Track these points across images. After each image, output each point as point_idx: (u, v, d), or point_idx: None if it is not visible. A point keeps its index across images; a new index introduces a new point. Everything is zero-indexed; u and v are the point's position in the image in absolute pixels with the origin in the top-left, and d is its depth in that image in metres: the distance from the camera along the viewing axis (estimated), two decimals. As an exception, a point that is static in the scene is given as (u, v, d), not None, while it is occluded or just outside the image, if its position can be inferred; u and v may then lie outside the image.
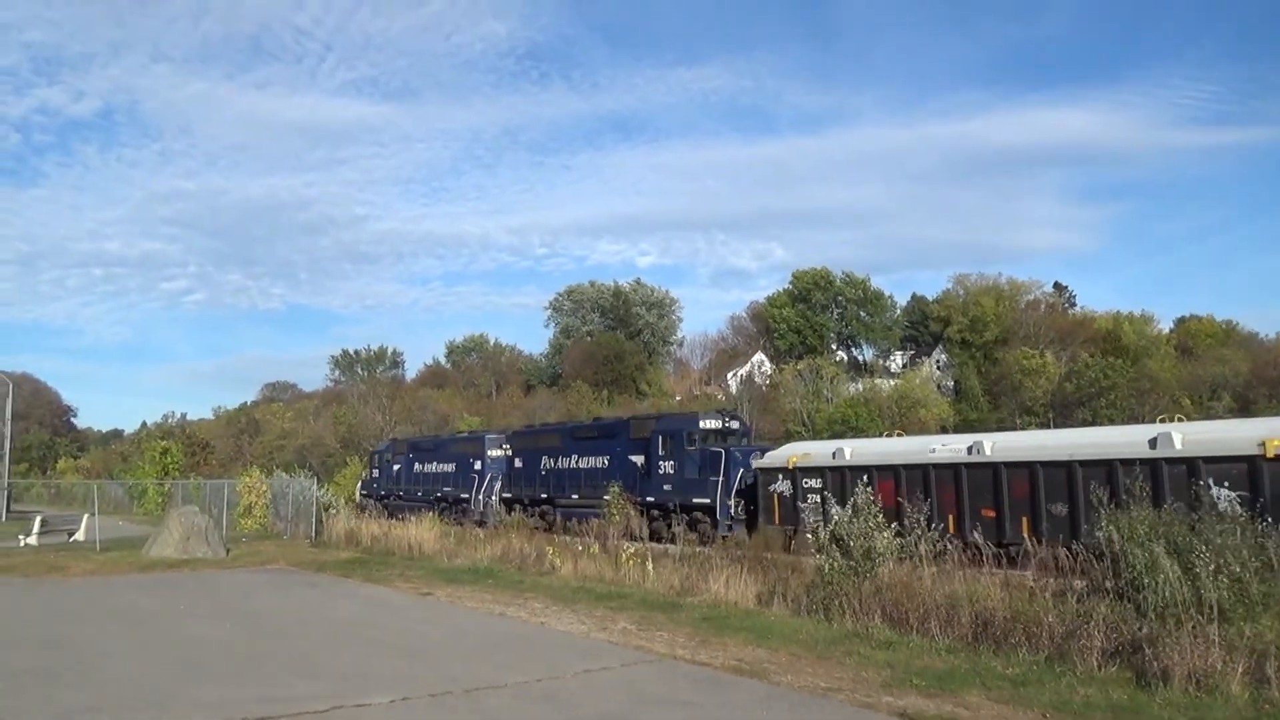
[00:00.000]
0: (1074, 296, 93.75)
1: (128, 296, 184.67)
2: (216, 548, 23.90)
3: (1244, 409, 57.00)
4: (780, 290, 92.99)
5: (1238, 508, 14.05)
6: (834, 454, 22.90)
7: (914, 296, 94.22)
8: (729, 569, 15.87)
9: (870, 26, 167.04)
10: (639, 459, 28.41)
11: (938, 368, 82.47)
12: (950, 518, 19.39)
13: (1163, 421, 18.69)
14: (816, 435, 53.85)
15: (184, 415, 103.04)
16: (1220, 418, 56.88)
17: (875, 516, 13.76)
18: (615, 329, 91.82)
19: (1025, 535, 17.66)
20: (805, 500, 22.64)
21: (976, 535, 17.62)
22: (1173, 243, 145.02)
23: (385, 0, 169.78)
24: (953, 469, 19.97)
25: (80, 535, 28.17)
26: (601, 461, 30.11)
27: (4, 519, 38.51)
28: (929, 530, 14.47)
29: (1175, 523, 11.21)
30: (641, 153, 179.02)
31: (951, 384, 78.85)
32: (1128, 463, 16.85)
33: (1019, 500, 18.64)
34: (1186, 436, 16.85)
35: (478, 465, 36.36)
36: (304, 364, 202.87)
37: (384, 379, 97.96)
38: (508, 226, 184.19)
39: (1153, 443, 17.09)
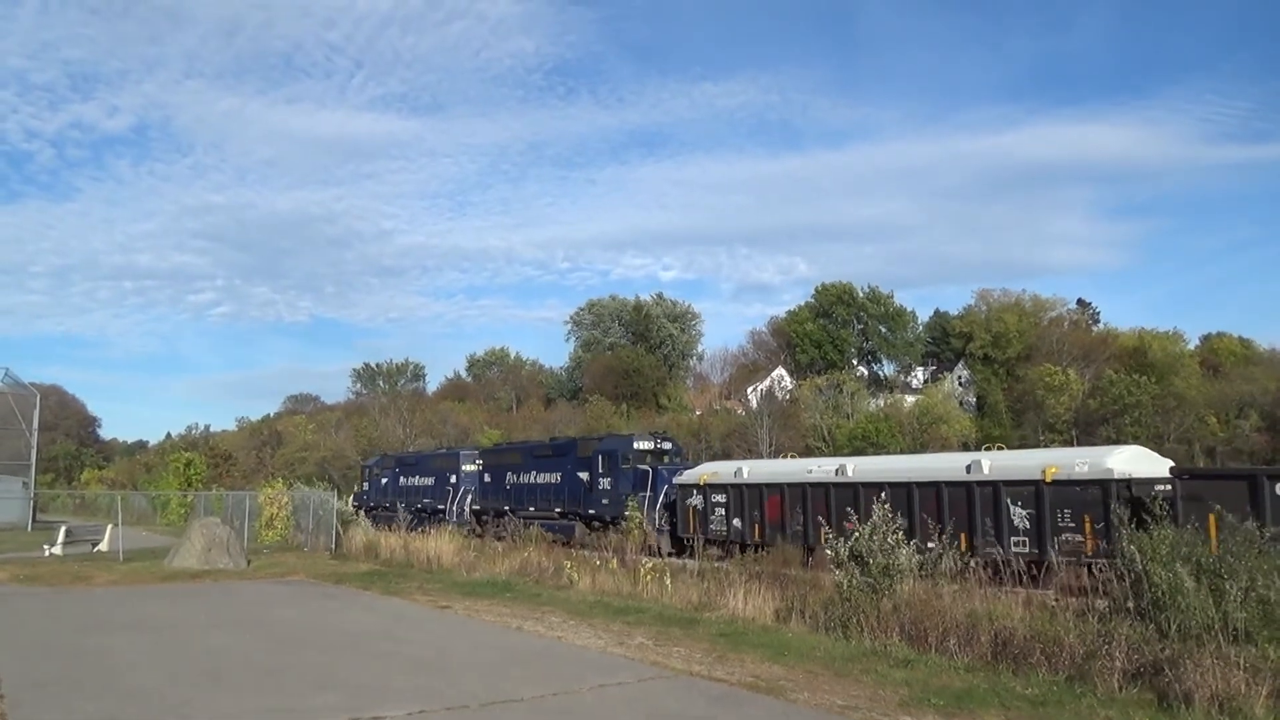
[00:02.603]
0: (1098, 313, 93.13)
1: (156, 309, 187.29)
2: (238, 559, 24.05)
3: (1271, 427, 56.28)
4: (802, 304, 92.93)
5: (1029, 524, 18.27)
6: (735, 473, 25.75)
7: (936, 312, 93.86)
8: (747, 584, 15.80)
9: (897, 41, 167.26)
10: (585, 475, 30.84)
11: (960, 384, 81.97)
12: (820, 530, 22.25)
13: (987, 450, 22.60)
14: (837, 451, 53.65)
15: (207, 427, 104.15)
16: (1247, 436, 56.33)
17: (894, 533, 13.72)
18: (636, 343, 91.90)
19: None
20: (714, 513, 25.65)
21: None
22: (1200, 260, 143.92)
23: (415, 17, 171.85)
24: (824, 487, 22.78)
25: (104, 545, 28.44)
26: (555, 477, 32.64)
27: (30, 529, 38.92)
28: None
29: (1198, 543, 11.10)
30: (666, 167, 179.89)
31: (974, 400, 78.32)
32: (950, 484, 19.95)
33: (872, 515, 20.40)
34: (993, 464, 19.91)
35: (453, 479, 38.82)
36: (327, 376, 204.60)
37: (405, 392, 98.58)
38: (532, 240, 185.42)
39: (968, 468, 20.07)
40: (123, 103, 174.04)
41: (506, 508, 34.73)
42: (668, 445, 31.12)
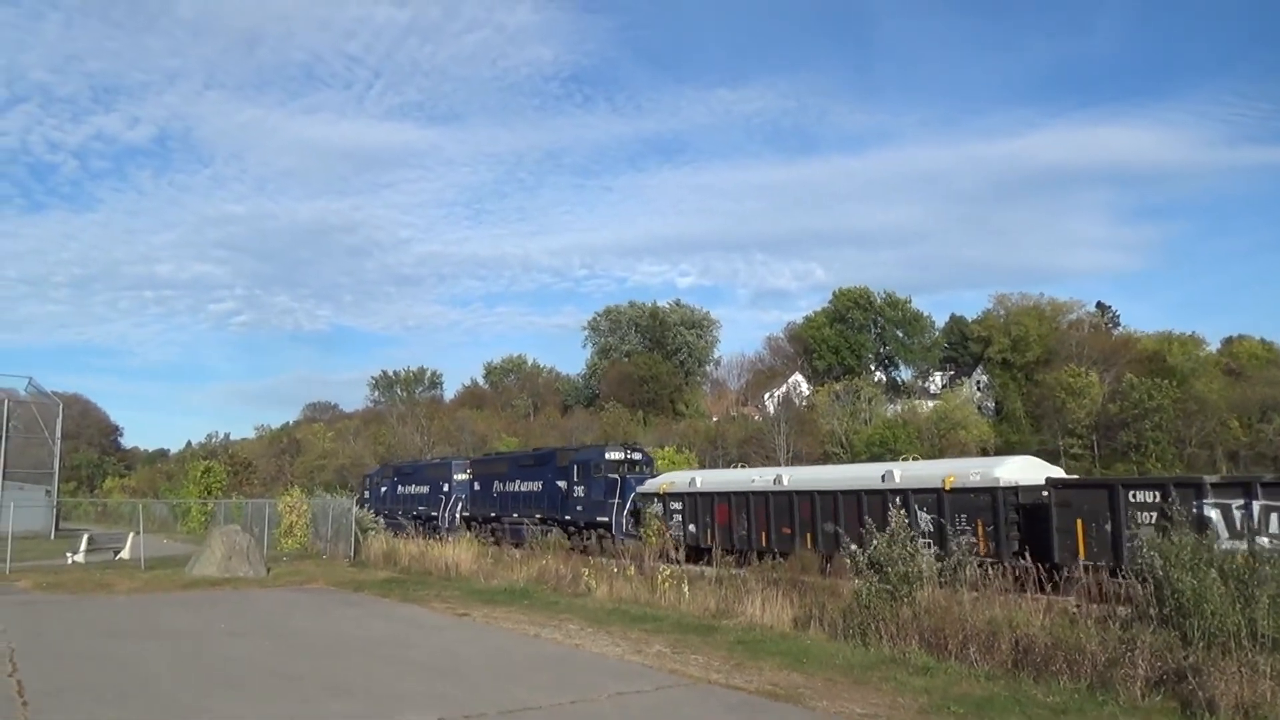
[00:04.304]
0: (1117, 316, 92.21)
1: (177, 318, 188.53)
2: (257, 567, 24.16)
3: (1295, 431, 55.61)
4: (819, 310, 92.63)
5: (932, 527, 19.88)
6: (690, 483, 28.04)
7: (953, 317, 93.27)
8: (765, 592, 15.75)
9: (914, 46, 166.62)
10: (563, 484, 33.05)
11: (978, 389, 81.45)
12: (763, 533, 24.67)
13: (905, 460, 25.17)
14: (855, 457, 53.42)
15: (227, 435, 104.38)
16: (1270, 440, 55.68)
17: (913, 540, 13.63)
18: (652, 350, 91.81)
19: (809, 547, 22.83)
20: (672, 519, 27.53)
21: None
22: (1221, 262, 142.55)
23: (434, 28, 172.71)
24: (764, 495, 24.92)
25: (126, 553, 28.63)
26: (536, 486, 34.81)
27: (53, 537, 39.25)
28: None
29: (1217, 547, 11.00)
30: (683, 174, 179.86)
31: (992, 405, 77.82)
32: (868, 492, 22.00)
33: (805, 520, 23.55)
34: (904, 473, 22.13)
35: (445, 487, 40.77)
36: (346, 384, 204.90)
37: (422, 400, 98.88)
38: (549, 248, 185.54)
39: (883, 477, 22.19)
40: (144, 114, 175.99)
41: (493, 514, 37.05)
42: (638, 456, 33.32)
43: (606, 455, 32.44)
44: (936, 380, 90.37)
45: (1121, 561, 16.26)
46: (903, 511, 19.83)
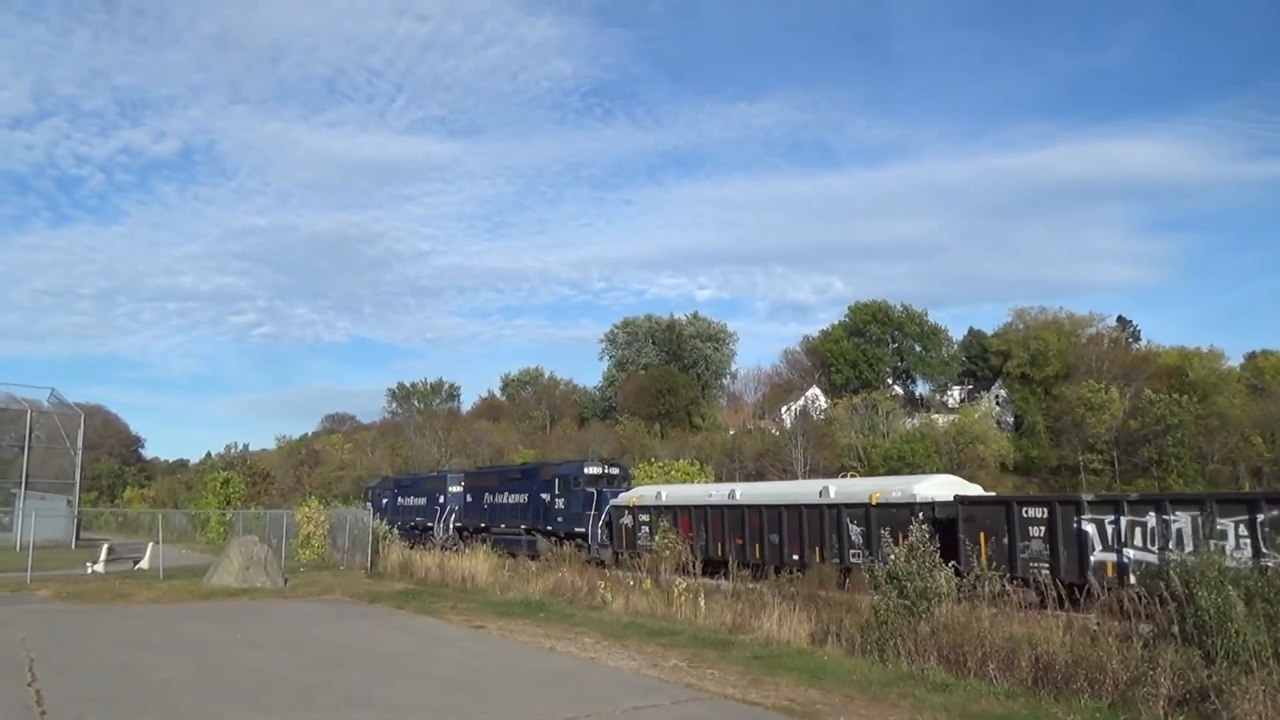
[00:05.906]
0: (1138, 331, 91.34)
1: (198, 330, 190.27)
2: (275, 577, 24.24)
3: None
4: (837, 323, 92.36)
5: (861, 539, 21.97)
6: (656, 496, 29.95)
7: (971, 330, 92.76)
8: (781, 606, 15.66)
9: (933, 60, 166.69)
10: (546, 496, 34.72)
11: (997, 403, 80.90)
12: (719, 543, 26.37)
13: (849, 475, 28.24)
14: (872, 470, 53.14)
15: (246, 446, 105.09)
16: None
17: (932, 555, 13.53)
18: (669, 362, 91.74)
19: (758, 556, 24.71)
20: (640, 530, 29.29)
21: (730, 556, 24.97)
22: (1243, 276, 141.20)
23: (455, 42, 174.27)
24: (720, 509, 26.76)
25: (145, 563, 28.79)
26: (522, 498, 36.40)
27: (74, 546, 39.54)
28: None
29: (1242, 565, 10.85)
30: (702, 187, 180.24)
31: (1011, 420, 77.25)
32: (808, 506, 23.86)
33: (755, 531, 25.38)
34: (838, 490, 24.21)
35: (441, 499, 42.32)
36: (365, 396, 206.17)
37: (440, 411, 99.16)
38: (568, 260, 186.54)
39: (819, 493, 24.11)
40: (170, 128, 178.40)
41: (483, 524, 38.38)
42: (615, 471, 35.23)
43: (585, 470, 34.31)
44: (955, 394, 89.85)
45: (1016, 569, 18.13)
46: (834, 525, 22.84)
